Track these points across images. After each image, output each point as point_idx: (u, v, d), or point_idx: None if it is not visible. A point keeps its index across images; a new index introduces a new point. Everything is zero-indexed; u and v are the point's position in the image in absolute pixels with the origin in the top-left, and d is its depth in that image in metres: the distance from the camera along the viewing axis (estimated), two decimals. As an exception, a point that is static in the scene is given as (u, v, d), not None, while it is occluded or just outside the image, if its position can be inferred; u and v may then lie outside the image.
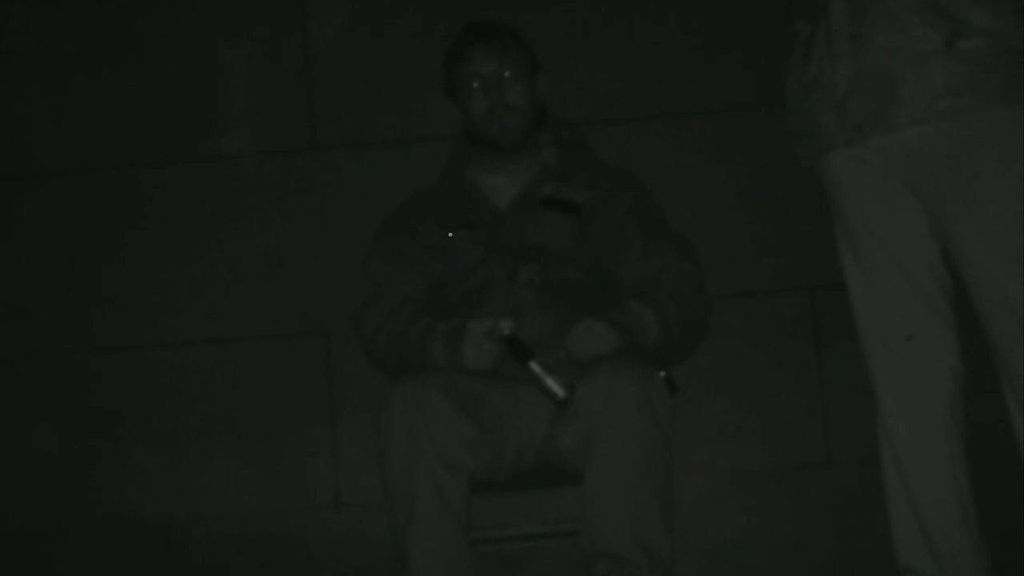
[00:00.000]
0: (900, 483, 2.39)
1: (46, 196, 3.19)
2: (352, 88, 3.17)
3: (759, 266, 3.08)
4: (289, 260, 3.16)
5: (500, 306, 2.56)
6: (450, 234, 2.67)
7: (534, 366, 2.37)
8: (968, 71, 2.19)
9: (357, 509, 3.09)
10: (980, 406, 2.41)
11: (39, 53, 3.19)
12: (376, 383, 2.68)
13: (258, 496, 3.12)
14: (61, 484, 3.15)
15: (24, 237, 3.19)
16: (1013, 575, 2.55)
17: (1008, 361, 2.26)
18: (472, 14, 2.80)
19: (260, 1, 3.20)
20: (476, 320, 2.47)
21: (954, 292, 2.37)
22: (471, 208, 2.69)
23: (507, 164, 2.70)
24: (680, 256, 2.62)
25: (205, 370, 3.15)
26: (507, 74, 2.65)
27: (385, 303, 2.61)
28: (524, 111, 2.67)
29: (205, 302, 3.16)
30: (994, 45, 2.19)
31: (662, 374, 2.49)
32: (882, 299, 2.38)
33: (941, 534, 2.36)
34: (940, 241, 2.34)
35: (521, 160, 2.70)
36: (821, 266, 3.00)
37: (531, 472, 2.58)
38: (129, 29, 3.18)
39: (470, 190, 2.72)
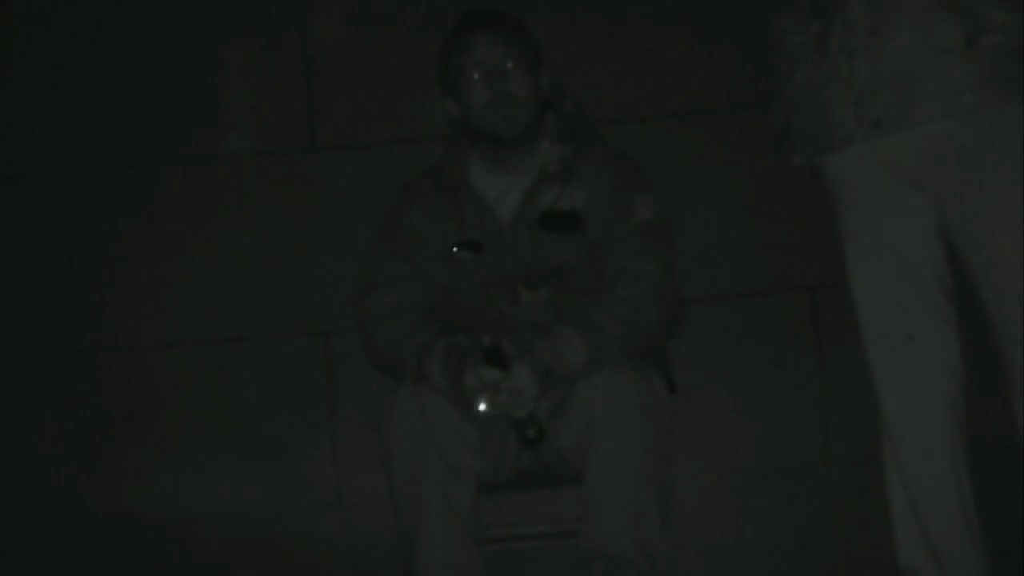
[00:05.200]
0: (901, 483, 2.39)
1: (46, 196, 3.19)
2: (352, 88, 3.17)
3: (759, 266, 3.08)
4: (289, 260, 3.16)
5: (500, 328, 2.49)
6: (455, 249, 2.61)
7: (486, 372, 2.35)
8: (987, 67, 2.21)
9: (357, 509, 3.10)
10: (980, 406, 2.42)
11: (39, 53, 3.19)
12: (376, 383, 2.68)
13: (258, 496, 3.12)
14: (61, 483, 3.15)
15: (24, 237, 3.19)
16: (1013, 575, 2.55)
17: (1015, 357, 2.27)
18: (472, 14, 2.80)
19: (259, 1, 3.20)
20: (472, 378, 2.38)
21: (954, 292, 2.38)
22: (475, 222, 2.62)
23: (507, 162, 2.63)
24: (648, 259, 2.52)
25: (205, 370, 3.15)
26: (510, 64, 2.55)
27: (388, 302, 2.58)
28: (527, 103, 2.57)
29: (205, 302, 3.16)
30: (1008, 42, 2.20)
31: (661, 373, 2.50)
32: (884, 298, 2.38)
33: (942, 534, 2.36)
34: (945, 240, 2.34)
35: (521, 161, 2.63)
36: (821, 266, 3.01)
37: (531, 472, 2.58)
38: (129, 29, 3.18)
39: (475, 200, 2.63)
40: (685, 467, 2.60)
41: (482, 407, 2.36)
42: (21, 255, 3.19)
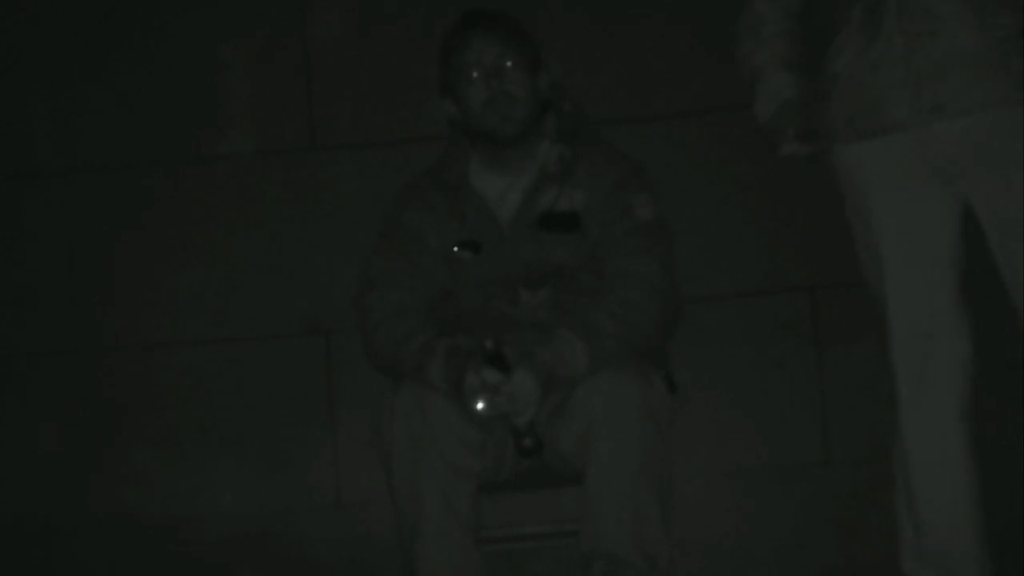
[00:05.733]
0: (908, 485, 2.37)
1: (47, 196, 3.19)
2: (352, 88, 3.17)
3: (759, 266, 3.08)
4: (289, 260, 3.16)
5: (500, 329, 2.51)
6: (455, 248, 2.62)
7: (487, 374, 2.36)
8: None
9: (357, 509, 3.10)
10: (979, 406, 2.41)
11: (40, 53, 3.19)
12: (376, 383, 2.68)
13: (258, 496, 3.13)
14: (61, 483, 3.15)
15: (25, 236, 3.19)
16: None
17: None
18: (472, 14, 2.80)
19: (259, 1, 3.20)
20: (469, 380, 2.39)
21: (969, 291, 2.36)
22: (475, 222, 2.62)
23: (507, 162, 2.63)
24: (646, 259, 2.53)
25: (205, 370, 3.15)
26: (509, 63, 2.56)
27: (389, 301, 2.58)
28: (526, 102, 2.57)
29: (205, 302, 3.16)
30: None
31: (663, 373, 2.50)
32: (909, 293, 2.35)
33: (949, 538, 2.34)
34: (966, 235, 2.32)
35: (521, 161, 2.63)
36: (821, 266, 3.02)
37: (531, 472, 2.58)
38: (129, 29, 3.18)
39: (475, 200, 2.63)
40: (685, 467, 2.59)
41: (479, 406, 2.36)
42: (21, 255, 3.19)
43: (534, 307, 2.57)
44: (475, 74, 2.57)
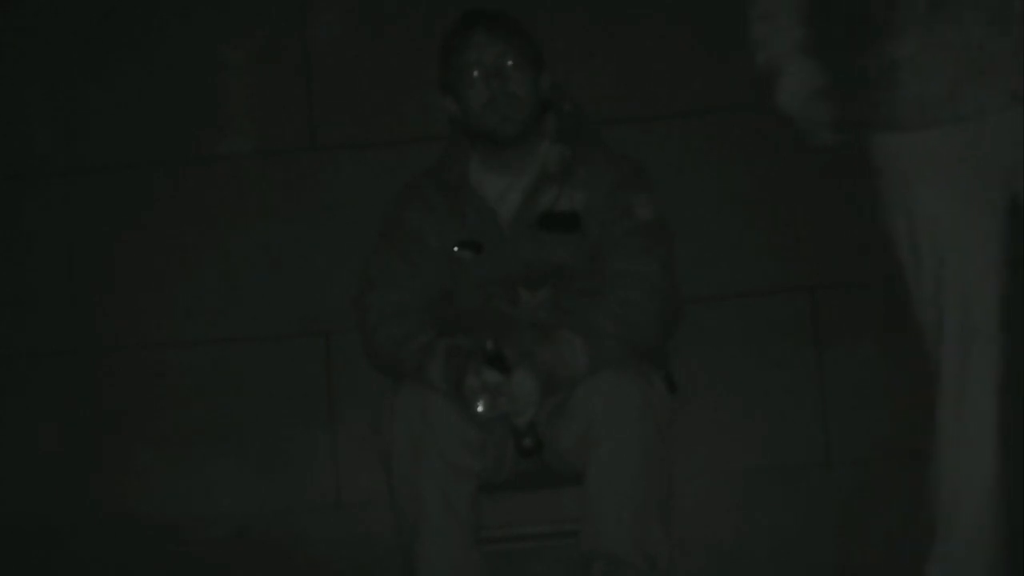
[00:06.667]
0: (947, 488, 2.33)
1: (47, 196, 3.19)
2: (352, 88, 3.18)
3: (759, 266, 3.08)
4: (289, 260, 3.16)
5: (499, 329, 2.51)
6: (455, 248, 2.61)
7: (488, 375, 2.36)
8: None
9: (357, 509, 3.10)
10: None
11: (40, 53, 3.19)
12: (376, 383, 2.68)
13: (258, 496, 3.13)
14: (62, 484, 3.15)
15: (25, 236, 3.20)
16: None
17: None
18: (472, 14, 2.80)
19: (259, 1, 3.20)
20: (471, 379, 2.39)
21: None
22: (476, 222, 2.62)
23: (507, 162, 2.62)
24: (645, 260, 2.53)
25: (206, 370, 3.15)
26: (509, 63, 2.55)
27: (389, 301, 2.58)
28: (527, 102, 2.57)
29: (206, 302, 3.16)
30: None
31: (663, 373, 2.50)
32: (956, 289, 2.32)
33: (960, 540, 2.31)
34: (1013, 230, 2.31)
35: (521, 160, 2.63)
36: (821, 266, 3.02)
37: (531, 472, 2.58)
38: (129, 29, 3.19)
39: (475, 200, 2.63)
40: (685, 467, 2.59)
41: (480, 408, 2.36)
42: (21, 255, 3.19)
43: (534, 307, 2.57)
44: (475, 74, 2.56)
